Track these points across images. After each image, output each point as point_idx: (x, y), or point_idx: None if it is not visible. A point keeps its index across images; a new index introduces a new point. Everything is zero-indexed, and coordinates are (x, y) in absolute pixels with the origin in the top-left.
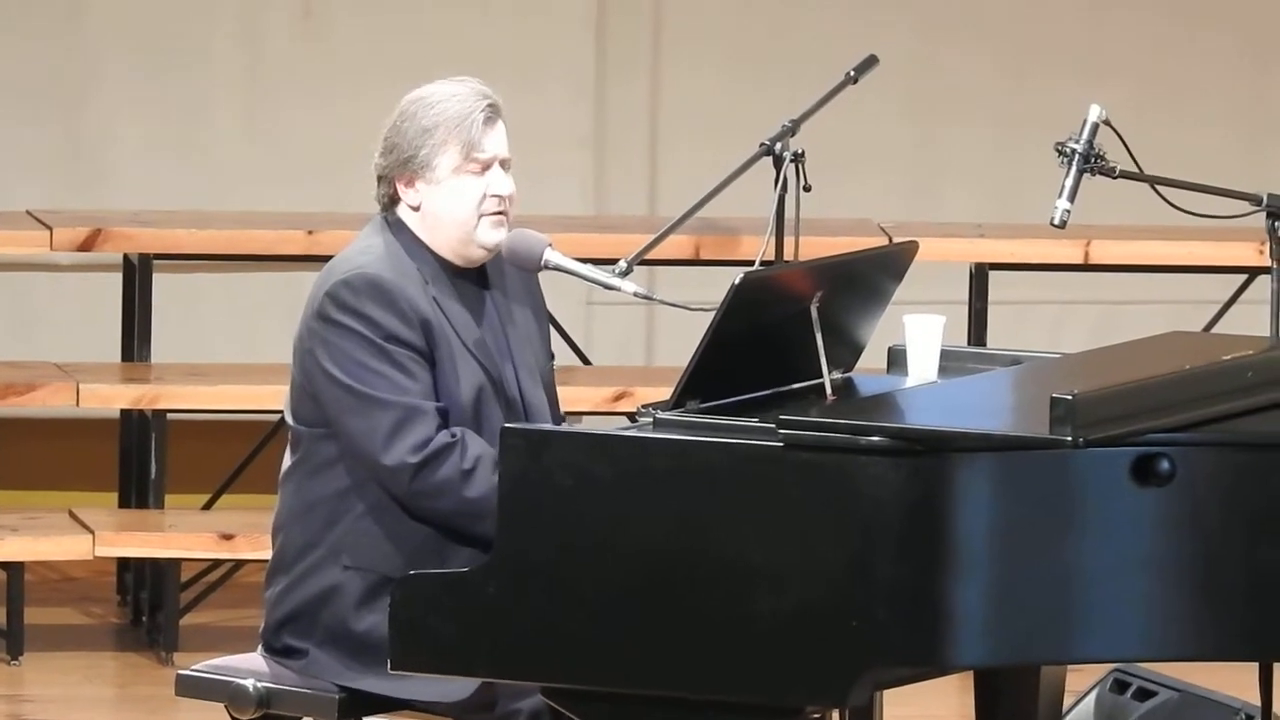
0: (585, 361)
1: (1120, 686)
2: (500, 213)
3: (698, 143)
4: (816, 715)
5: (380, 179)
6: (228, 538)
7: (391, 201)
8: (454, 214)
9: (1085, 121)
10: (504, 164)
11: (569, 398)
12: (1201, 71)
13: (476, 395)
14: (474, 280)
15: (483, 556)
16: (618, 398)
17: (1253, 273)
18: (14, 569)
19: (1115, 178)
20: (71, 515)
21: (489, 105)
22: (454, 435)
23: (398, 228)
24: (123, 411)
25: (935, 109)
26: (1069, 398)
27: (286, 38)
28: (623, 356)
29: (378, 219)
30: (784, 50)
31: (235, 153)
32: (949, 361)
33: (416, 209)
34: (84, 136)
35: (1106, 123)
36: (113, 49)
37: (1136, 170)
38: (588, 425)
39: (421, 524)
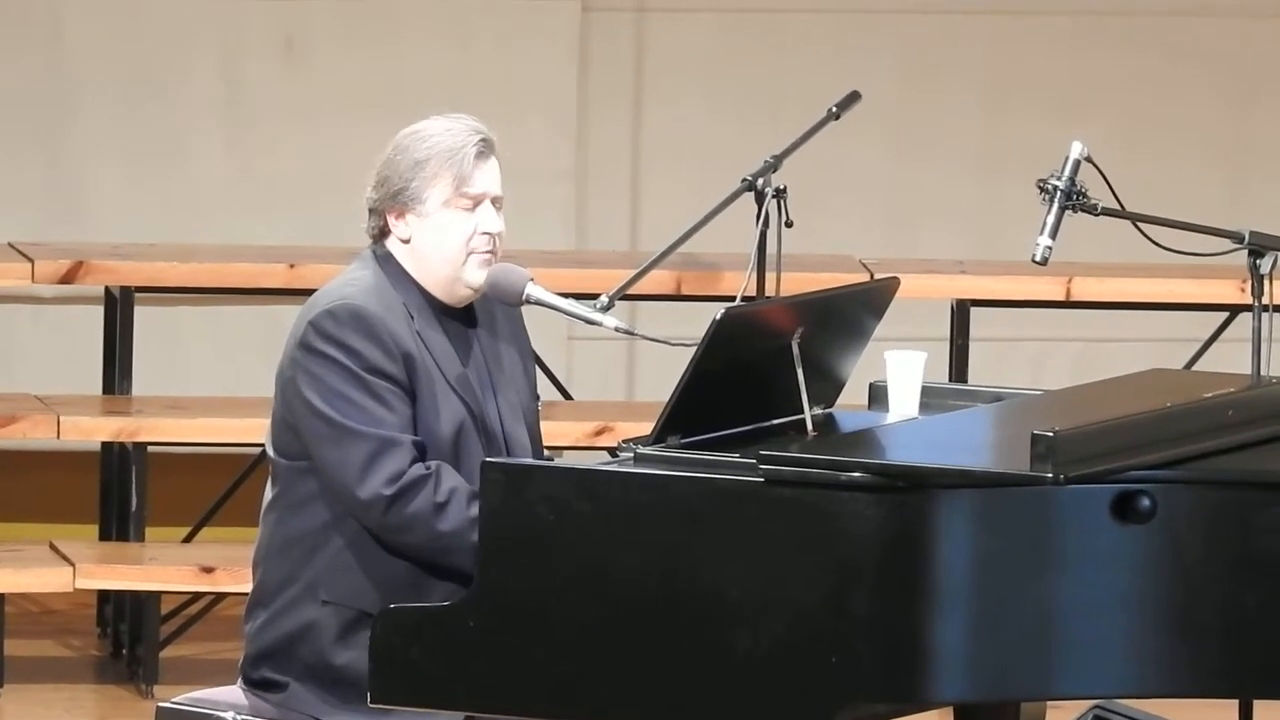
0: (566, 396)
1: None
2: (489, 252)
3: (679, 178)
4: None
5: (371, 211)
6: (208, 570)
7: (381, 234)
8: (443, 249)
9: (1067, 158)
10: (495, 202)
11: (550, 432)
12: (1182, 106)
13: (457, 430)
14: (460, 318)
15: (461, 591)
16: (598, 433)
17: (1234, 310)
18: None
19: (1097, 215)
20: (52, 547)
21: (482, 141)
22: (428, 468)
23: (386, 261)
24: (103, 444)
25: (917, 144)
26: (1050, 435)
27: (268, 70)
28: (604, 391)
29: (366, 253)
30: (766, 86)
31: (216, 185)
32: (930, 398)
33: (406, 242)
34: (64, 168)
35: (1089, 160)
36: (93, 80)
37: (1118, 207)
38: (568, 460)
39: (399, 559)
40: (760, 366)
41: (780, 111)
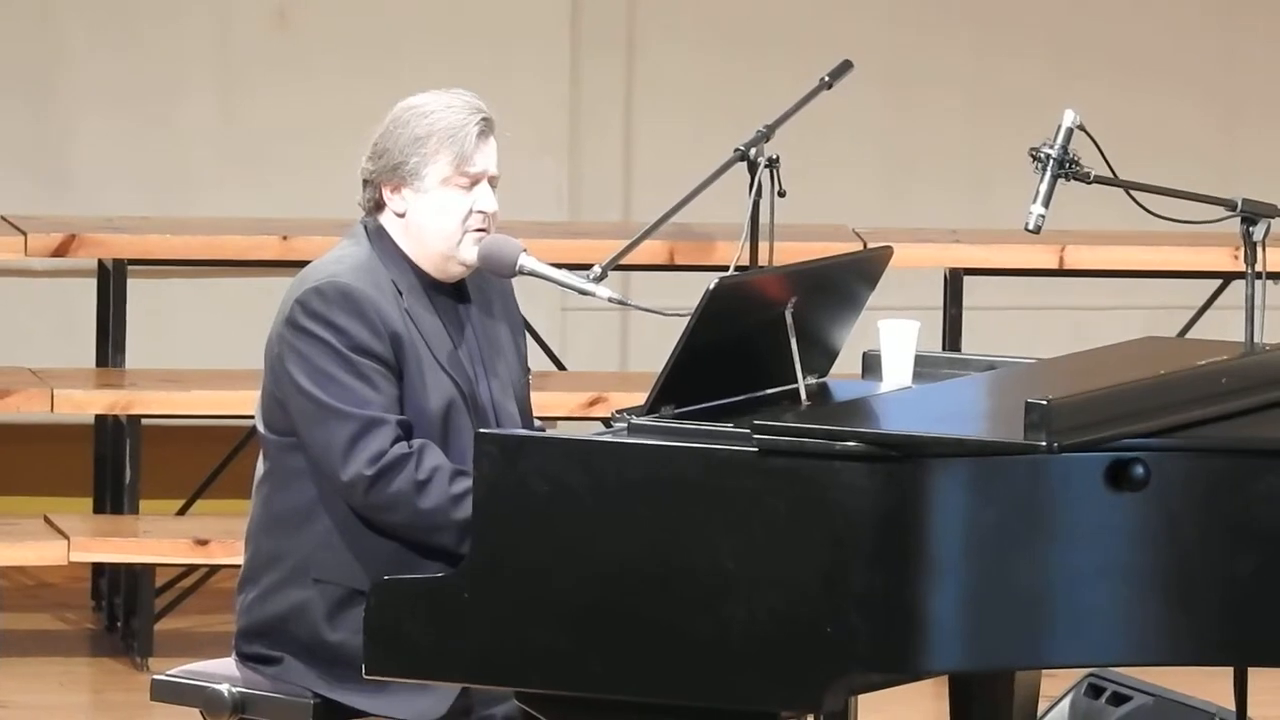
0: (560, 367)
1: (1095, 691)
2: (482, 230)
3: (672, 147)
4: None
5: (366, 183)
6: (202, 543)
7: (376, 207)
8: (438, 227)
9: (1059, 127)
10: (492, 181)
11: (544, 403)
12: (1173, 45)
13: (446, 408)
14: (451, 294)
15: (450, 569)
16: (592, 403)
17: (1227, 278)
18: None
19: (1089, 183)
20: (46, 521)
21: (483, 119)
22: (410, 447)
23: (378, 236)
24: (97, 417)
25: (911, 96)
26: (1044, 403)
27: (261, 36)
28: (597, 362)
29: (358, 227)
30: (759, 55)
31: (209, 154)
32: (923, 367)
33: (401, 216)
34: (55, 139)
35: (1081, 128)
36: (84, 47)
37: (1111, 174)
38: (562, 431)
39: (387, 537)
40: (754, 336)
41: (774, 80)
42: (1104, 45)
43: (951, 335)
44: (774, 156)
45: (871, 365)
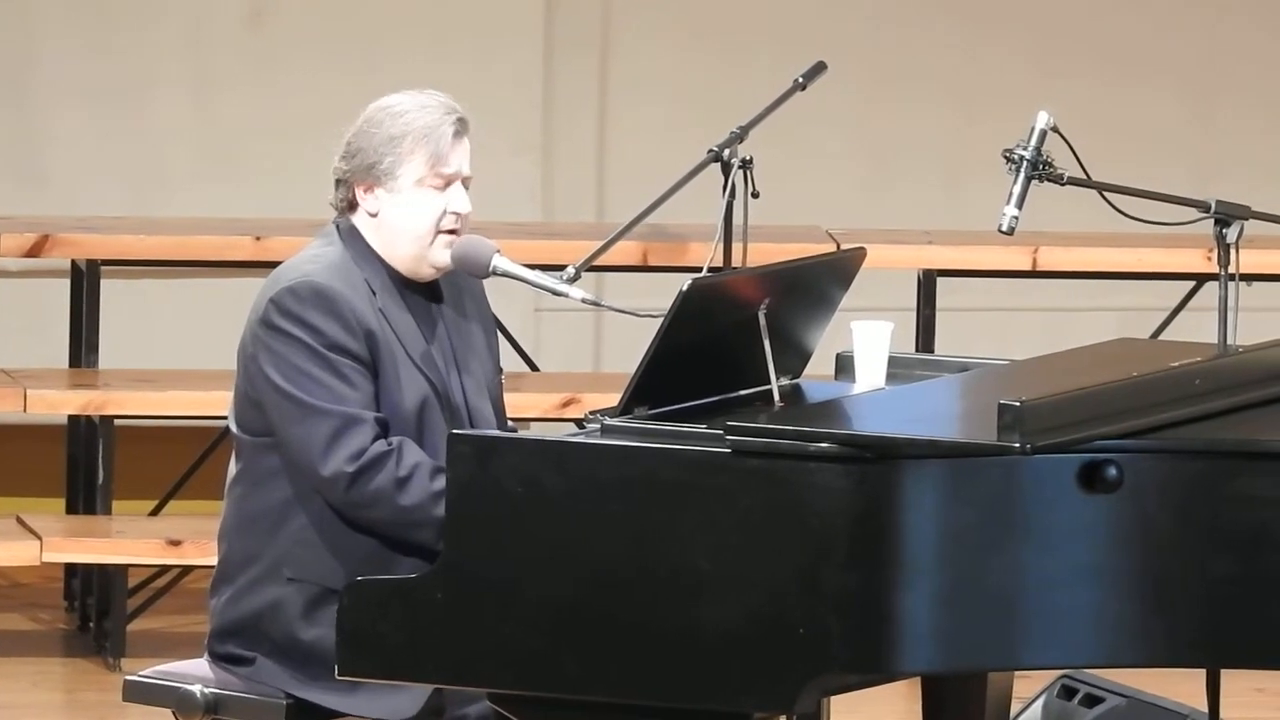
0: (533, 368)
1: (1068, 693)
2: (454, 231)
3: (646, 148)
4: None
5: (339, 183)
6: (175, 544)
7: (349, 206)
8: (411, 227)
9: (1033, 129)
10: (465, 182)
11: (517, 404)
12: (1153, 41)
13: (420, 406)
14: (424, 293)
15: (426, 566)
16: (566, 404)
17: (1200, 279)
18: None
19: (1063, 184)
20: (19, 521)
21: (458, 120)
22: (390, 444)
23: (350, 236)
24: (70, 417)
25: (890, 89)
26: (1017, 404)
27: (234, 35)
28: (571, 363)
29: (330, 227)
30: (734, 55)
31: (182, 154)
32: (897, 368)
33: (374, 216)
34: (29, 137)
35: (1055, 129)
36: (58, 47)
37: (1084, 176)
38: (535, 432)
39: (363, 535)
40: (727, 337)
41: (747, 81)
42: (1083, 42)
43: (925, 336)
44: (748, 158)
45: (845, 366)
